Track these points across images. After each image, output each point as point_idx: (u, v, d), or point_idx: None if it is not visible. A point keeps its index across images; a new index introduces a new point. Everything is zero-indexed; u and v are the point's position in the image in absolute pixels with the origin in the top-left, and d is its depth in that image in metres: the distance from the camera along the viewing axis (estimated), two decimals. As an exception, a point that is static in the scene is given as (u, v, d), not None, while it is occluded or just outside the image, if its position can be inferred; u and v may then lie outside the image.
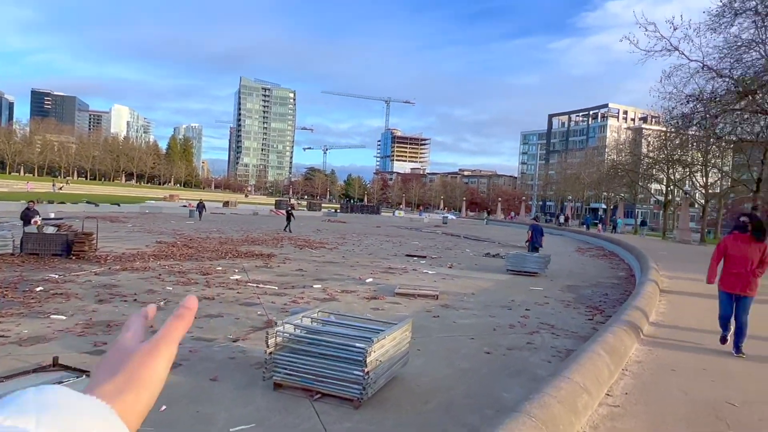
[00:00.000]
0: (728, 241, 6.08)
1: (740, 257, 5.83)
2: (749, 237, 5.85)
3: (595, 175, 63.75)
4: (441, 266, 17.53)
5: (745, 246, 5.84)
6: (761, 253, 5.79)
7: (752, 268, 5.78)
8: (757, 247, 5.81)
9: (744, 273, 5.79)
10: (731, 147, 32.31)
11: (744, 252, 5.82)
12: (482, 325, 9.00)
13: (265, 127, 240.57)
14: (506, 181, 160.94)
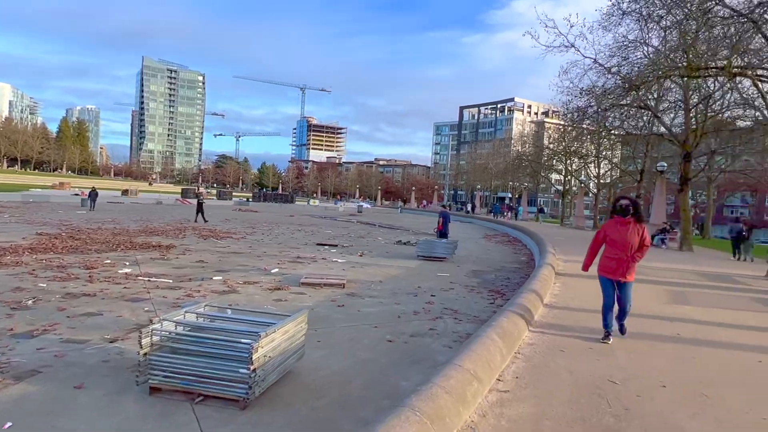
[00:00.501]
0: (608, 227, 5.90)
1: (620, 241, 5.67)
2: (629, 220, 5.70)
3: (502, 165, 66.86)
4: (352, 255, 17.34)
5: (625, 230, 5.68)
6: (640, 236, 5.66)
7: (632, 252, 5.65)
8: (636, 230, 5.67)
9: (624, 258, 5.65)
10: (620, 140, 35.10)
11: (624, 236, 5.66)
12: (387, 313, 8.89)
13: (172, 111, 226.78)
14: (420, 171, 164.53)
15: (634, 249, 5.67)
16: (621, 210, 5.74)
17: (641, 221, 5.74)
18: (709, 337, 6.34)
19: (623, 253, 5.65)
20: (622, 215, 5.73)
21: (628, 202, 5.80)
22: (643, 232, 5.70)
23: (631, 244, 5.65)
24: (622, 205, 5.78)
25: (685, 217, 22.71)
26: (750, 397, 4.12)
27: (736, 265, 17.18)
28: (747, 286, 11.81)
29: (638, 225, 5.70)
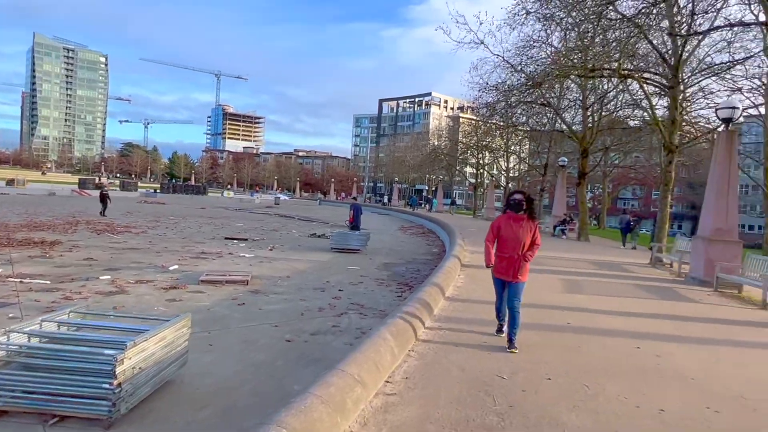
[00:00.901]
0: (501, 221, 5.45)
1: (512, 239, 5.27)
2: (523, 217, 5.30)
3: (419, 158, 68.10)
4: (262, 249, 16.71)
5: (518, 226, 5.29)
6: (532, 233, 5.31)
7: (523, 251, 5.26)
8: (529, 228, 5.30)
9: (515, 257, 5.25)
10: (527, 136, 36.88)
11: (516, 233, 5.26)
12: (290, 310, 8.55)
13: (69, 94, 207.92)
14: (340, 163, 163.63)
15: (526, 247, 5.28)
16: (515, 205, 5.35)
17: (534, 218, 5.40)
18: (595, 325, 6.65)
19: (514, 251, 5.26)
20: (515, 211, 5.34)
21: (522, 197, 5.37)
22: (535, 230, 5.37)
23: (523, 243, 5.25)
24: (515, 200, 5.37)
25: (582, 209, 24.28)
26: (627, 386, 4.28)
27: (626, 254, 18.59)
28: (633, 273, 12.74)
29: (531, 222, 5.33)
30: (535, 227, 5.39)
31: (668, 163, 16.23)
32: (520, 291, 5.38)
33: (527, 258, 5.29)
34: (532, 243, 5.35)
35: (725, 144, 11.37)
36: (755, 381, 4.69)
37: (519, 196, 5.41)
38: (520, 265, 5.28)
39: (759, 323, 7.57)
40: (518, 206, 5.34)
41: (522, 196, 5.41)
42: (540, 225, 6.94)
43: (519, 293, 5.37)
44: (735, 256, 11.06)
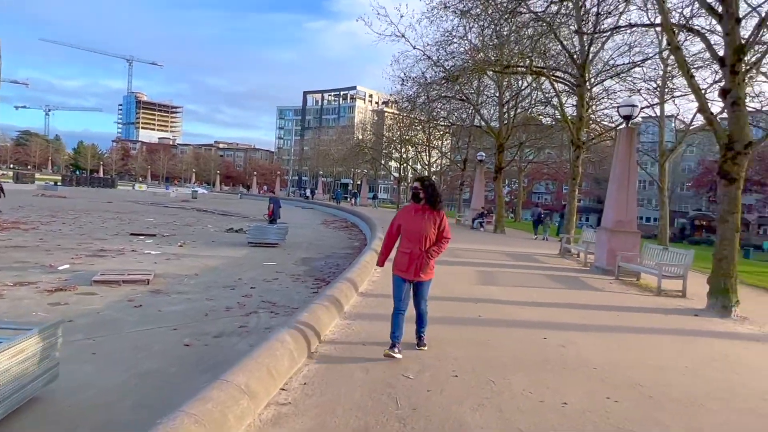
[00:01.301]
0: (402, 213, 4.86)
1: (414, 232, 4.65)
2: (423, 207, 4.70)
3: (343, 152, 67.68)
4: (171, 245, 15.64)
5: (420, 218, 4.67)
6: (437, 226, 4.70)
7: (428, 246, 4.67)
8: (433, 219, 4.68)
9: (418, 252, 4.64)
10: (448, 131, 37.63)
11: (418, 226, 4.65)
12: (194, 311, 7.93)
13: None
14: (264, 155, 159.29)
15: (431, 242, 4.69)
16: (413, 195, 4.78)
17: (437, 208, 4.73)
18: (506, 317, 6.69)
19: (416, 246, 4.64)
20: (415, 201, 4.76)
21: (419, 185, 4.75)
22: (441, 221, 4.74)
23: (426, 236, 4.64)
24: (413, 188, 4.81)
25: (499, 202, 25.10)
26: (532, 379, 4.24)
27: (538, 245, 19.39)
28: (543, 264, 13.23)
29: (434, 213, 4.71)
30: (441, 218, 4.75)
31: (576, 158, 17.08)
32: (425, 291, 4.82)
33: (432, 254, 4.67)
34: (439, 237, 4.73)
35: (625, 140, 12.03)
36: (651, 367, 4.84)
37: (416, 183, 4.82)
38: (424, 262, 4.65)
39: (654, 309, 8.01)
40: (416, 196, 4.75)
41: (419, 183, 4.78)
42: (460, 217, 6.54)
43: (425, 294, 4.82)
44: (634, 246, 11.76)
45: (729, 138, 7.69)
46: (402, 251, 4.78)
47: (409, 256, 4.69)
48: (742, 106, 7.57)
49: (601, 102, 21.75)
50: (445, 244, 4.80)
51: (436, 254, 4.71)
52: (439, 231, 4.73)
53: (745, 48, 7.54)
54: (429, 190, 4.71)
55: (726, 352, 5.62)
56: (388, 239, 5.01)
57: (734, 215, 7.74)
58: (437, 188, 4.85)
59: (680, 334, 6.42)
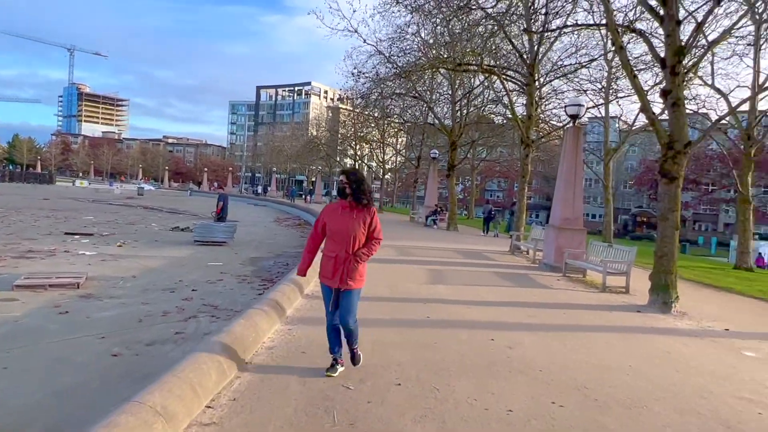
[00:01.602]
0: (328, 211, 4.25)
1: (339, 232, 4.08)
2: (351, 203, 4.10)
3: (297, 148, 66.72)
4: (109, 245, 14.77)
5: (347, 217, 4.09)
6: (366, 224, 4.11)
7: (355, 248, 4.07)
8: (362, 217, 4.10)
9: (344, 256, 4.04)
10: (402, 128, 37.64)
11: (344, 225, 4.07)
12: (127, 316, 7.41)
13: None
14: (215, 151, 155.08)
15: (360, 243, 4.10)
16: (339, 190, 4.18)
17: (366, 204, 4.12)
18: (454, 317, 6.57)
19: (342, 249, 4.06)
20: (341, 197, 4.16)
21: (345, 178, 4.14)
22: (372, 219, 4.15)
23: (354, 236, 4.06)
24: (339, 181, 4.20)
25: (452, 200, 25.27)
26: (477, 385, 4.10)
27: (489, 242, 19.60)
28: (494, 261, 13.31)
29: (363, 210, 4.11)
30: (371, 216, 4.15)
31: (525, 156, 17.34)
32: (352, 303, 4.12)
33: (360, 257, 4.07)
34: (369, 237, 4.16)
35: (572, 139, 12.24)
36: (596, 367, 4.81)
37: (342, 177, 4.18)
38: (351, 267, 4.04)
39: (599, 306, 8.12)
40: (341, 191, 4.13)
41: (345, 177, 4.15)
42: (414, 214, 6.12)
43: (351, 306, 4.11)
44: (580, 243, 11.99)
45: (669, 138, 7.88)
46: (327, 255, 4.16)
47: (334, 260, 4.08)
48: (681, 107, 7.77)
49: (550, 102, 22.28)
50: (376, 246, 4.22)
51: (365, 257, 4.13)
52: (369, 231, 4.15)
53: (685, 50, 7.74)
54: (356, 184, 4.08)
55: (667, 349, 5.70)
56: (311, 241, 4.29)
57: (674, 213, 7.95)
58: (366, 182, 4.18)
59: (624, 332, 6.50)
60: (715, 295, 10.51)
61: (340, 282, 4.09)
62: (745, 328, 7.33)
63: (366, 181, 4.18)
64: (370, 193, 4.19)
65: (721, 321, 7.55)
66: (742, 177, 16.76)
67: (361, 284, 4.18)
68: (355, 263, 4.07)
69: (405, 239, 17.56)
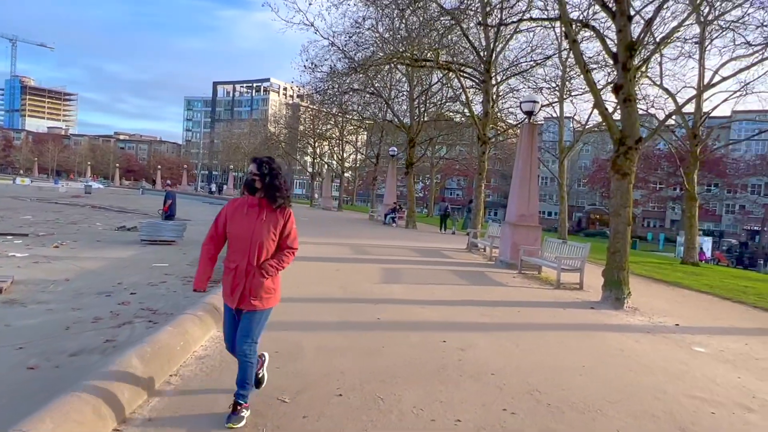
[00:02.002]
0: (231, 208, 3.34)
1: (243, 239, 3.21)
2: (260, 201, 3.25)
3: (254, 145, 65.40)
4: (45, 246, 13.80)
5: (253, 218, 3.22)
6: (278, 230, 3.26)
7: (261, 259, 3.22)
8: (273, 221, 3.24)
9: (249, 268, 3.20)
10: (361, 125, 37.32)
11: (250, 228, 3.20)
12: (52, 324, 6.77)
13: None
14: (170, 148, 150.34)
15: (268, 253, 3.25)
16: (247, 183, 3.28)
17: (281, 204, 3.26)
18: (406, 318, 6.31)
19: (244, 258, 3.21)
20: (249, 192, 3.28)
21: (254, 168, 3.25)
22: (286, 223, 3.29)
23: (261, 244, 3.20)
24: (248, 173, 3.28)
25: (410, 197, 25.15)
26: (425, 393, 3.83)
27: (447, 239, 19.52)
28: (450, 259, 13.18)
29: (276, 211, 3.26)
30: (286, 219, 3.30)
31: (482, 153, 17.35)
32: (252, 324, 3.27)
33: (268, 270, 3.23)
34: (282, 246, 3.30)
35: (528, 135, 12.23)
36: (549, 369, 4.63)
37: (252, 166, 3.27)
38: (256, 283, 3.21)
39: (553, 303, 8.05)
40: (250, 185, 3.25)
41: (255, 166, 3.25)
42: (373, 212, 5.57)
43: (251, 327, 3.26)
44: (536, 240, 11.99)
45: (621, 134, 7.88)
46: (227, 266, 3.30)
47: (234, 274, 3.24)
48: (633, 103, 7.78)
49: (507, 100, 22.48)
50: (289, 257, 3.34)
51: (274, 271, 3.27)
52: (281, 237, 3.29)
53: (636, 45, 7.75)
54: (270, 177, 3.21)
55: (621, 347, 5.61)
56: (208, 245, 3.34)
57: (626, 209, 7.96)
58: (281, 175, 3.32)
59: (577, 330, 6.40)
60: (665, 290, 10.69)
61: (241, 301, 3.23)
62: (694, 322, 7.39)
63: (282, 174, 3.34)
64: (288, 190, 3.34)
65: (671, 316, 7.60)
66: (689, 175, 17.30)
67: (271, 303, 3.33)
68: (261, 278, 3.21)
69: (362, 238, 17.26)
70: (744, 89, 17.05)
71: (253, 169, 3.26)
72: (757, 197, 58.09)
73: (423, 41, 17.36)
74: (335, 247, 13.85)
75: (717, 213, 62.71)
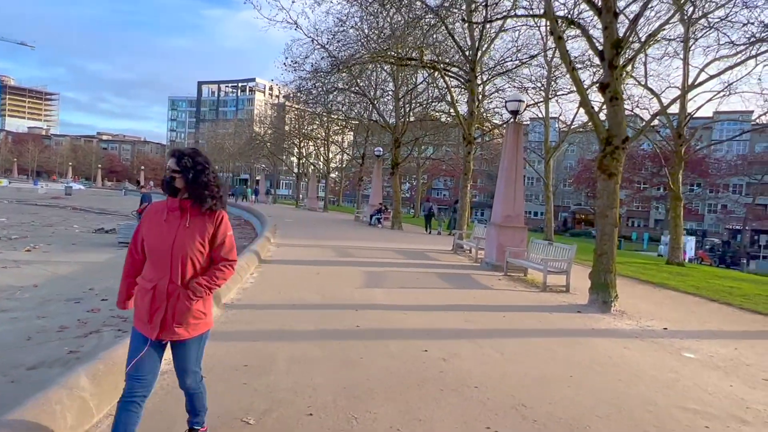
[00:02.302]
0: (148, 214, 2.72)
1: (161, 249, 2.58)
2: (183, 204, 2.63)
3: (239, 145, 64.72)
4: (16, 250, 13.34)
5: (173, 225, 2.60)
6: (207, 239, 2.65)
7: (189, 276, 2.60)
8: (199, 227, 2.63)
9: (170, 288, 2.58)
10: (346, 125, 37.00)
11: (169, 238, 2.58)
12: (14, 333, 6.42)
13: None
14: (154, 149, 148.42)
15: (196, 268, 2.63)
16: (165, 183, 2.64)
17: (208, 207, 2.63)
18: (386, 326, 6.05)
19: (164, 275, 2.57)
20: (170, 193, 2.64)
21: (174, 163, 2.61)
22: (218, 228, 2.68)
23: (186, 256, 2.58)
24: (168, 169, 2.63)
25: (396, 198, 24.89)
26: (403, 410, 3.58)
27: (433, 240, 19.28)
28: (435, 261, 12.94)
29: (205, 216, 2.65)
30: (218, 224, 2.68)
31: (468, 153, 17.17)
32: (189, 357, 2.76)
33: (197, 290, 2.59)
34: (214, 259, 2.70)
35: (513, 135, 12.05)
36: (536, 380, 4.41)
37: (170, 161, 2.63)
38: (181, 307, 2.58)
39: (539, 307, 7.85)
40: (168, 184, 2.61)
41: (174, 161, 2.61)
42: (359, 213, 4.87)
43: (188, 363, 2.77)
44: (522, 241, 11.81)
45: (608, 133, 7.71)
46: (142, 286, 2.65)
47: (152, 295, 2.57)
48: (620, 101, 7.61)
49: (492, 100, 22.35)
50: (226, 272, 2.70)
51: (205, 291, 2.62)
52: (213, 248, 2.67)
53: (623, 42, 7.58)
54: (194, 172, 2.58)
55: (609, 354, 5.40)
56: (129, 262, 2.76)
57: (613, 210, 7.79)
58: (209, 170, 2.66)
59: (564, 336, 6.19)
60: (652, 292, 10.56)
61: (163, 329, 2.58)
62: (682, 326, 7.24)
63: (211, 168, 2.68)
64: (220, 188, 2.68)
65: (659, 319, 7.44)
66: (674, 175, 17.28)
67: (203, 329, 2.73)
68: (188, 300, 2.57)
69: (346, 239, 16.96)
70: (727, 89, 17.08)
71: (171, 165, 2.60)
72: (739, 197, 58.88)
73: (407, 39, 17.13)
74: (317, 249, 13.55)
75: (699, 212, 63.47)
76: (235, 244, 2.85)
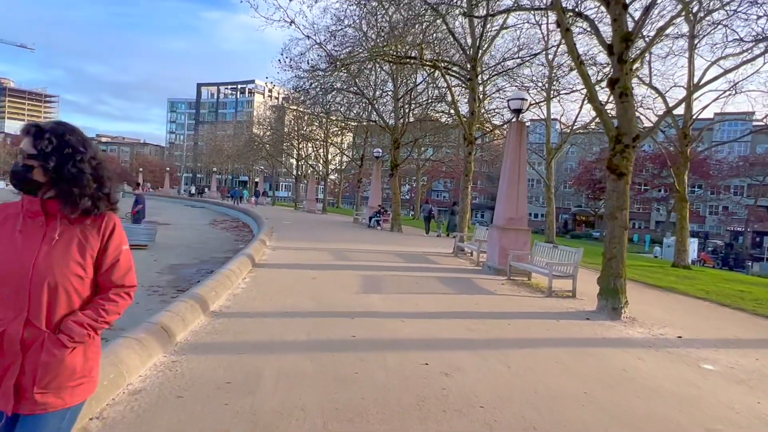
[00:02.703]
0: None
1: (17, 274, 1.66)
2: (48, 206, 1.73)
3: (238, 147, 64.41)
4: None
5: (36, 237, 1.70)
6: (92, 254, 1.75)
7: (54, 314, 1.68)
8: (77, 238, 1.74)
9: (23, 333, 1.65)
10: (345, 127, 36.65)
11: (29, 257, 1.67)
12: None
13: None
14: (153, 151, 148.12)
15: (74, 298, 1.72)
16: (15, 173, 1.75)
17: (87, 208, 1.74)
18: (384, 336, 5.67)
19: (18, 314, 1.65)
20: (27, 192, 1.74)
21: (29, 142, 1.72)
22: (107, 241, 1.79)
23: (55, 284, 1.68)
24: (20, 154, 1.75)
25: (395, 200, 24.50)
26: (400, 429, 3.18)
27: (433, 243, 18.89)
28: (435, 264, 12.55)
29: (84, 221, 1.76)
30: (106, 236, 1.79)
31: (468, 154, 16.82)
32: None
33: (74, 333, 1.68)
34: (101, 286, 1.80)
35: (516, 134, 11.68)
36: (546, 398, 4.03)
37: (26, 142, 1.74)
38: (49, 361, 1.66)
39: (546, 314, 7.47)
40: (22, 177, 1.73)
41: (31, 138, 1.73)
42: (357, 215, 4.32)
43: None
44: (525, 244, 11.43)
45: (617, 131, 7.34)
46: None
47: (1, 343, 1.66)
48: (630, 98, 7.25)
49: (493, 101, 22.01)
50: (121, 303, 1.82)
51: (86, 333, 1.71)
52: (101, 270, 1.79)
53: (632, 36, 7.22)
54: (57, 158, 1.71)
55: (623, 366, 5.03)
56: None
57: (623, 211, 7.42)
58: (82, 153, 1.76)
59: (574, 346, 5.81)
60: (661, 297, 10.19)
61: (19, 398, 1.64)
62: (697, 334, 6.86)
63: (91, 151, 1.80)
64: (104, 180, 1.81)
65: (672, 327, 7.06)
66: (680, 176, 16.91)
67: (81, 395, 1.77)
68: (55, 350, 1.67)
69: (344, 242, 16.57)
70: (734, 89, 16.73)
71: (26, 147, 1.71)
72: (741, 198, 58.54)
73: (407, 38, 16.78)
74: (314, 252, 13.17)
75: (701, 214, 63.12)
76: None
